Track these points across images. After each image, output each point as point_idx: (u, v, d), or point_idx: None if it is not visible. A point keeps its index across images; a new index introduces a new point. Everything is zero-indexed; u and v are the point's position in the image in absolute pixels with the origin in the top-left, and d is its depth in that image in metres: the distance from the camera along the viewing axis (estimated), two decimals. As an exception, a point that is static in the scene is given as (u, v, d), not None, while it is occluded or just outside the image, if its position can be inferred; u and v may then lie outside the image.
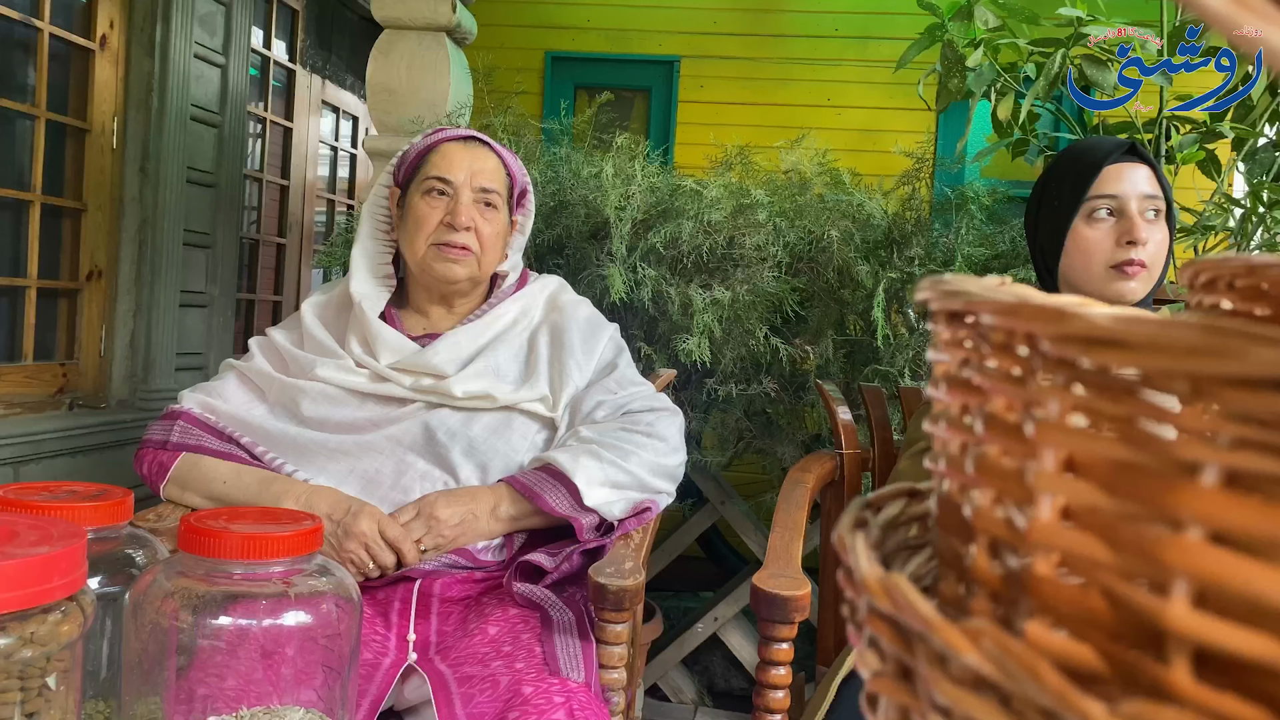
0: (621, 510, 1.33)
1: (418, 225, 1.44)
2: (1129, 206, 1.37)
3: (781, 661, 1.13)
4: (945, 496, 0.23)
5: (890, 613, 0.19)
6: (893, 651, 0.19)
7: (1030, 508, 0.18)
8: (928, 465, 0.26)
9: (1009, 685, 0.15)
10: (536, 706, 1.04)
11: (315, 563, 0.80)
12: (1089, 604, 0.17)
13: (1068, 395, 0.18)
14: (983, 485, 0.20)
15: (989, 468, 0.20)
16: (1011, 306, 0.18)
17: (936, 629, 0.17)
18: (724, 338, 2.01)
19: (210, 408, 1.40)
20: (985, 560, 0.20)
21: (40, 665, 0.65)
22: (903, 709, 0.19)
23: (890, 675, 0.20)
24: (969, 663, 0.16)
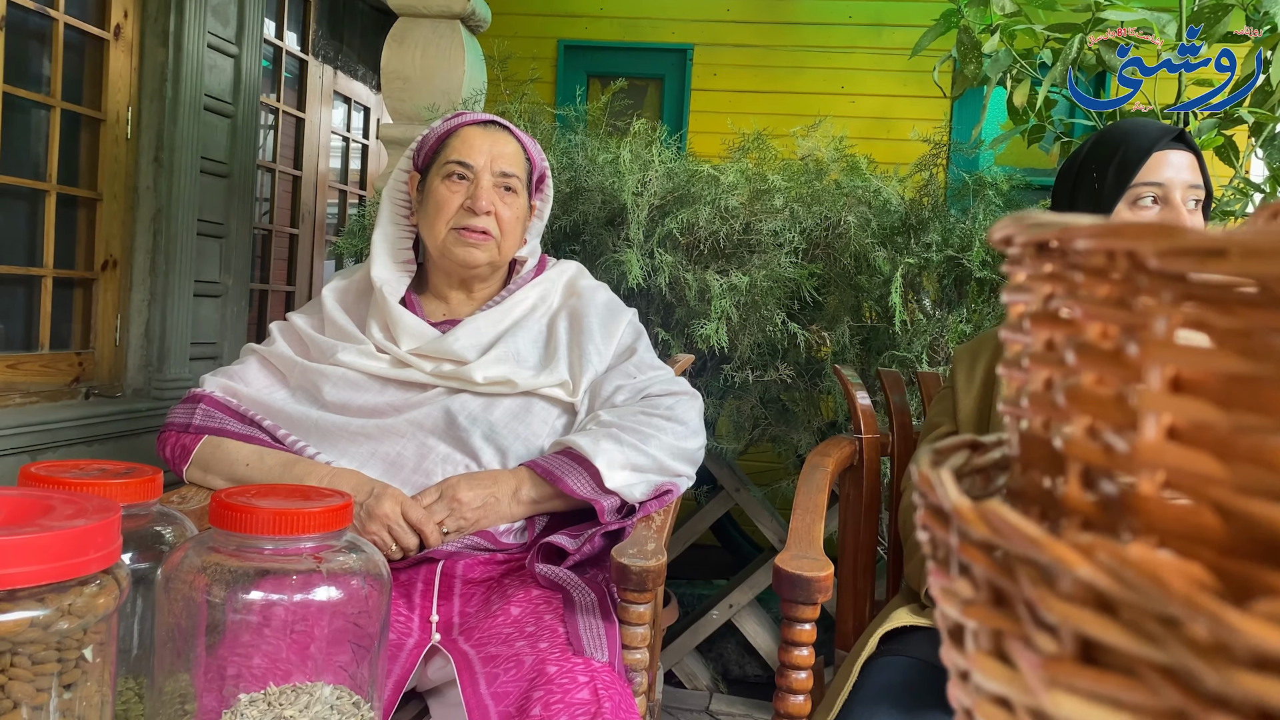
0: (642, 493, 1.33)
1: (438, 209, 1.44)
2: (1173, 196, 1.34)
3: (804, 642, 1.13)
4: (1028, 434, 0.23)
5: (987, 538, 0.19)
6: (988, 578, 0.19)
7: (1132, 431, 0.18)
8: (1001, 408, 0.26)
9: (1126, 596, 0.15)
10: (561, 685, 1.05)
11: (345, 539, 0.81)
12: (1199, 520, 0.17)
13: (1176, 312, 0.18)
14: (1076, 415, 0.20)
15: (1083, 397, 0.20)
16: (1113, 228, 0.18)
17: (1045, 546, 0.17)
18: (741, 323, 2.01)
19: (232, 391, 1.40)
20: (1078, 489, 0.20)
21: (77, 637, 0.65)
22: (996, 634, 0.19)
23: (984, 603, 0.20)
24: (1081, 576, 0.16)
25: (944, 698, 1.13)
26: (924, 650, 1.23)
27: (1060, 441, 0.21)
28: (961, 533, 0.20)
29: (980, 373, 1.46)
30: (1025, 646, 0.18)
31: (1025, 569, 0.18)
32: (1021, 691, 0.18)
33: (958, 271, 2.08)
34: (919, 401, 1.80)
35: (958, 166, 2.39)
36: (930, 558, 0.23)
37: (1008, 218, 0.23)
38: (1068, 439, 0.20)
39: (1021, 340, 0.24)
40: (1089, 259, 0.20)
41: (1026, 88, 2.38)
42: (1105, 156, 1.39)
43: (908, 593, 1.41)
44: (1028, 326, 0.23)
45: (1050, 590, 0.17)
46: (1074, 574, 0.16)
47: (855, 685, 1.18)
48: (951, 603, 0.21)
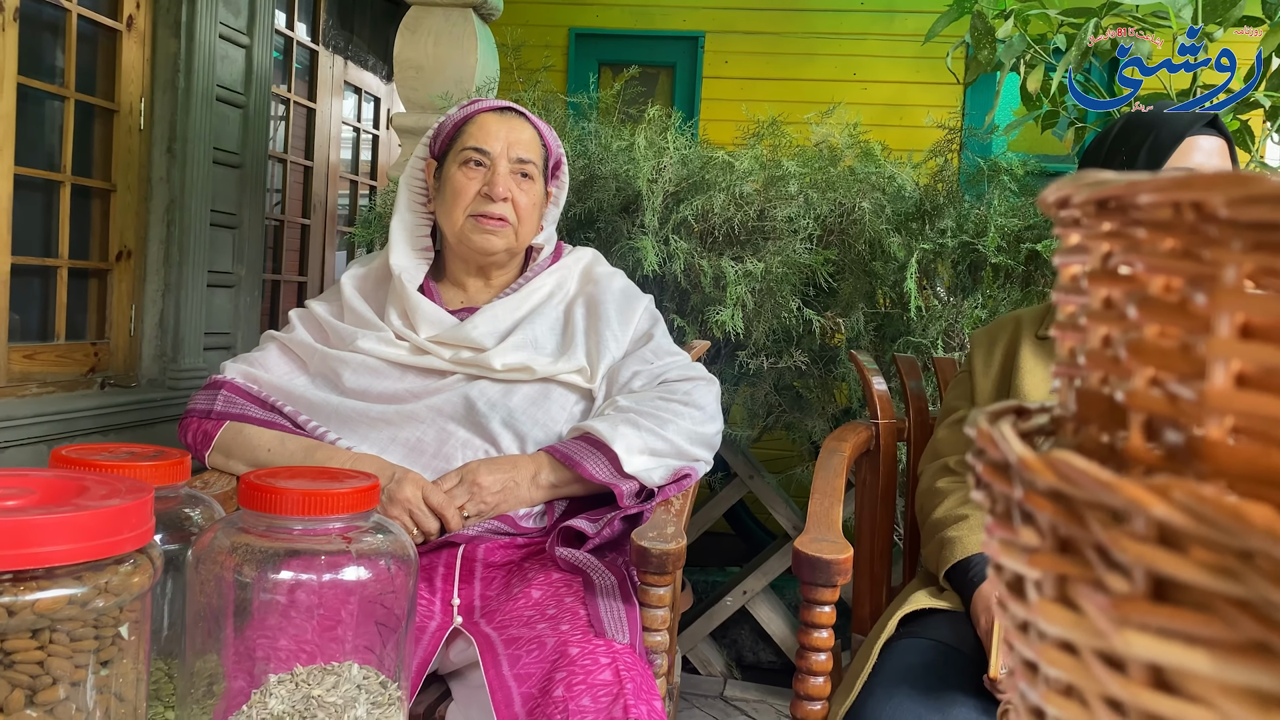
0: (661, 477, 1.33)
1: (455, 196, 1.44)
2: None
3: (824, 624, 1.13)
4: (1085, 390, 0.23)
5: (1054, 486, 0.19)
6: (1053, 525, 0.20)
7: (1199, 380, 0.18)
8: (1054, 370, 0.26)
9: (1202, 532, 0.16)
10: (583, 667, 1.05)
11: (372, 520, 0.81)
12: (1269, 463, 0.17)
13: (1246, 260, 0.18)
14: (1138, 368, 0.21)
15: (1146, 349, 0.20)
16: (1181, 180, 0.19)
17: (1120, 488, 0.17)
18: (756, 310, 2.01)
19: (253, 378, 1.41)
20: (1140, 440, 0.21)
21: (114, 615, 0.66)
22: (1061, 580, 0.20)
23: (1049, 550, 0.20)
24: (1156, 515, 0.17)
25: (963, 679, 1.14)
26: (943, 633, 1.24)
27: (1122, 395, 0.21)
28: (1027, 483, 0.20)
29: (998, 356, 1.46)
30: (1094, 590, 0.19)
31: (1095, 513, 0.18)
32: (1089, 635, 0.19)
33: (972, 257, 2.07)
34: (934, 387, 1.80)
35: (972, 152, 2.38)
36: (989, 513, 0.23)
37: (1063, 179, 0.24)
38: (1130, 392, 0.21)
39: (1076, 301, 0.24)
40: (1153, 213, 0.20)
41: (1040, 73, 2.37)
42: (1136, 140, 1.39)
43: (925, 576, 1.42)
44: (1085, 285, 0.23)
45: (1123, 532, 0.17)
46: (1149, 513, 0.17)
47: (874, 667, 1.19)
48: (1012, 554, 0.22)
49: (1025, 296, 2.05)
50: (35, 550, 0.61)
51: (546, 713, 1.02)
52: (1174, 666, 0.17)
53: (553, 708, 1.02)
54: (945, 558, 1.30)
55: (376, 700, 0.82)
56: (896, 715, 1.08)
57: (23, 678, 0.61)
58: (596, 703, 1.02)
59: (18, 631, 0.61)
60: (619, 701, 1.02)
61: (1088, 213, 0.23)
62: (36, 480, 0.70)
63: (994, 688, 1.12)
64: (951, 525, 1.33)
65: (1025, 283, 2.07)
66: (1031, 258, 2.03)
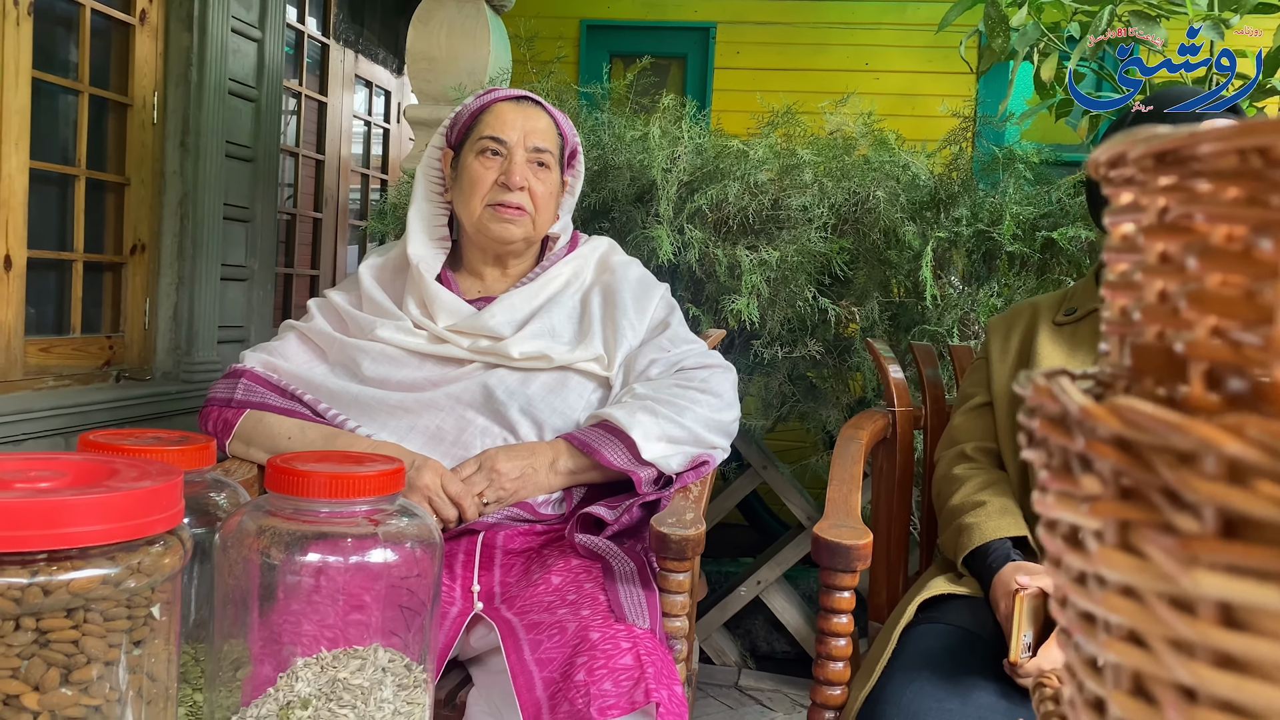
0: (679, 464, 1.34)
1: (472, 186, 1.45)
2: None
3: (844, 610, 1.14)
4: (1141, 345, 0.24)
5: (1119, 433, 0.20)
6: (1117, 471, 0.20)
7: (1265, 325, 0.19)
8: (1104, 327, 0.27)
9: (1276, 466, 0.16)
10: (604, 651, 1.06)
11: (397, 504, 0.82)
12: (1339, 404, 0.17)
13: (1316, 203, 0.18)
14: (1199, 318, 0.21)
15: (1208, 299, 0.21)
16: (1245, 126, 0.19)
17: (1192, 428, 0.18)
18: (771, 299, 2.01)
19: (272, 366, 1.42)
20: (1201, 389, 0.21)
21: (145, 595, 0.67)
22: (1123, 526, 0.20)
23: (1112, 497, 0.21)
24: (1229, 453, 0.17)
25: (983, 663, 1.14)
26: (962, 618, 1.24)
27: (1181, 346, 0.21)
28: (1089, 432, 0.21)
29: (1015, 343, 1.46)
30: (1159, 533, 0.19)
31: (1162, 457, 0.18)
32: (1154, 579, 0.19)
33: (987, 246, 2.07)
34: (950, 375, 1.80)
35: (987, 140, 2.38)
36: (1045, 469, 0.24)
37: (1116, 136, 0.24)
38: (1191, 342, 0.21)
39: (1129, 259, 0.24)
40: (1216, 162, 0.20)
41: (1054, 62, 2.36)
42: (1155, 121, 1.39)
43: (943, 562, 1.42)
44: (1141, 242, 0.24)
45: (1193, 472, 0.18)
46: (1221, 451, 0.17)
47: (894, 652, 1.19)
48: (1070, 506, 0.22)
49: (1041, 284, 2.04)
50: (69, 530, 0.61)
51: (568, 696, 1.02)
52: (1245, 603, 0.17)
53: (574, 691, 1.02)
54: (963, 543, 1.30)
55: (402, 683, 0.83)
56: (917, 700, 1.08)
57: (58, 656, 0.62)
58: (618, 686, 1.03)
59: (53, 611, 0.61)
60: (640, 686, 1.03)
61: (1144, 168, 0.23)
62: (67, 463, 0.71)
63: (1014, 671, 1.12)
64: (969, 511, 1.33)
65: (1040, 271, 2.06)
66: (1047, 245, 2.03)
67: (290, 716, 0.81)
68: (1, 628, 0.60)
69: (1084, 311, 1.43)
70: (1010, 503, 1.34)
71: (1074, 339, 1.41)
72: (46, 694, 0.62)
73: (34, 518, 0.60)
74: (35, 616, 0.61)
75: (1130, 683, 0.21)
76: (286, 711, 0.82)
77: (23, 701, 0.61)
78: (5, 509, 0.60)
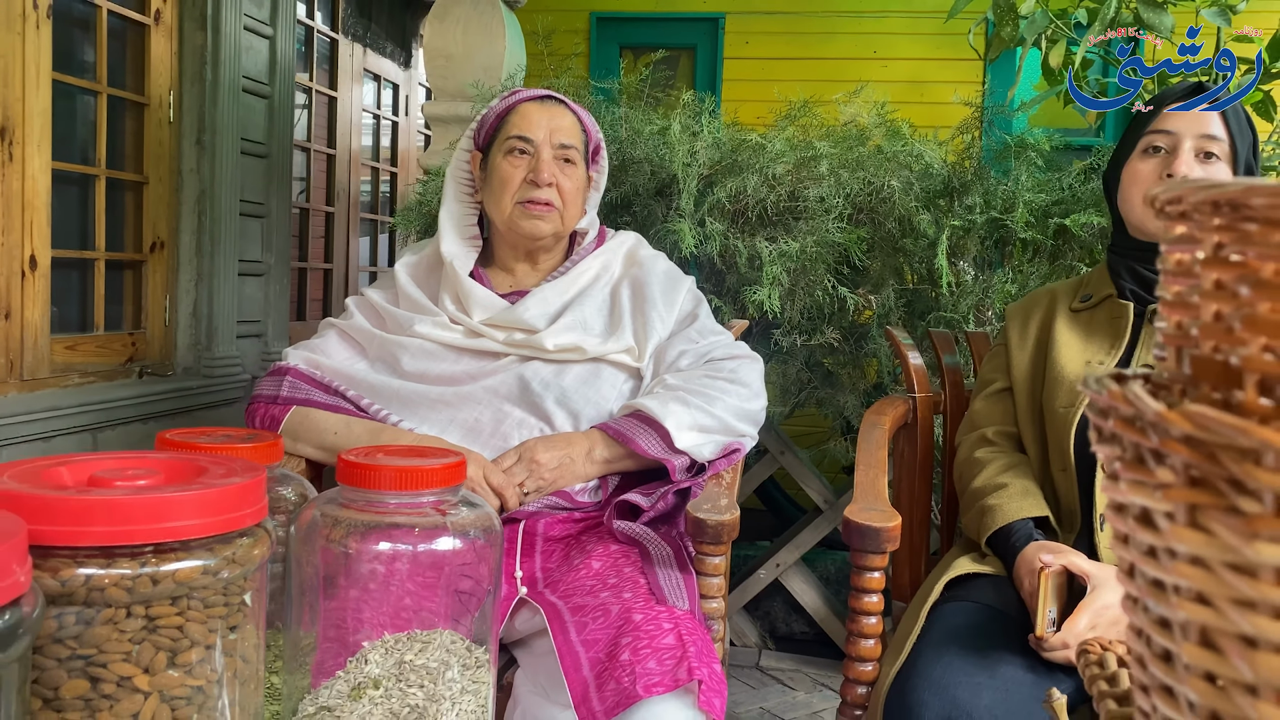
0: (711, 452, 1.39)
1: (502, 185, 1.49)
2: (1182, 144, 1.39)
3: (874, 589, 1.18)
4: (1199, 357, 0.28)
5: (1190, 433, 0.24)
6: (1187, 464, 0.25)
7: (1309, 345, 0.23)
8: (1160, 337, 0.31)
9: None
10: (647, 632, 1.11)
11: (460, 495, 0.87)
12: (1370, 410, 0.22)
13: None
14: (1251, 338, 0.25)
15: (1259, 322, 0.25)
16: (1290, 186, 0.23)
17: (1254, 431, 0.22)
18: (791, 288, 2.06)
19: (315, 364, 1.47)
20: (1255, 396, 0.25)
21: (239, 584, 0.71)
22: (1192, 509, 0.25)
23: (1182, 485, 0.25)
24: (1285, 449, 0.21)
25: (1009, 639, 1.19)
26: (987, 595, 1.29)
27: (1236, 359, 0.26)
28: (1163, 431, 0.25)
29: (1034, 329, 1.50)
30: (1224, 514, 0.23)
31: (1228, 453, 0.23)
32: (1220, 550, 0.23)
33: (1001, 233, 2.11)
34: (967, 360, 1.85)
35: (998, 129, 2.41)
36: (1117, 461, 0.28)
37: (1173, 183, 0.28)
38: (1245, 357, 0.25)
39: (1185, 282, 0.29)
40: (1266, 212, 0.25)
41: (1063, 49, 2.39)
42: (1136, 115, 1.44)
43: (966, 543, 1.47)
44: (1197, 270, 0.28)
45: (1255, 465, 0.22)
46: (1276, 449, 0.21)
47: (923, 629, 1.24)
48: (1144, 492, 0.26)
49: (1053, 270, 2.08)
50: (173, 525, 0.66)
51: (614, 675, 1.07)
52: (1298, 568, 0.22)
53: (620, 671, 1.07)
54: (987, 524, 1.35)
55: (466, 663, 0.87)
56: (948, 674, 1.13)
57: (165, 641, 0.67)
58: (662, 665, 1.08)
59: (160, 599, 0.66)
60: (683, 664, 1.08)
61: (1201, 211, 0.27)
62: (157, 462, 0.76)
63: (1039, 646, 1.17)
64: (992, 494, 1.37)
65: (1053, 256, 2.10)
66: (1059, 232, 2.07)
67: (362, 696, 0.86)
68: (115, 615, 0.65)
69: (1099, 298, 1.47)
70: (1031, 484, 1.39)
71: (1090, 325, 1.45)
72: (156, 676, 0.66)
73: (141, 513, 0.65)
74: (145, 604, 0.66)
75: (1198, 636, 0.25)
76: (359, 691, 0.87)
77: (135, 683, 0.66)
78: (115, 505, 0.65)
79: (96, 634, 0.65)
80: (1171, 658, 0.27)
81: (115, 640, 0.65)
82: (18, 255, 2.57)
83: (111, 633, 0.65)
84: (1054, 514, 1.38)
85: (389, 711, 0.83)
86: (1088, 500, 1.35)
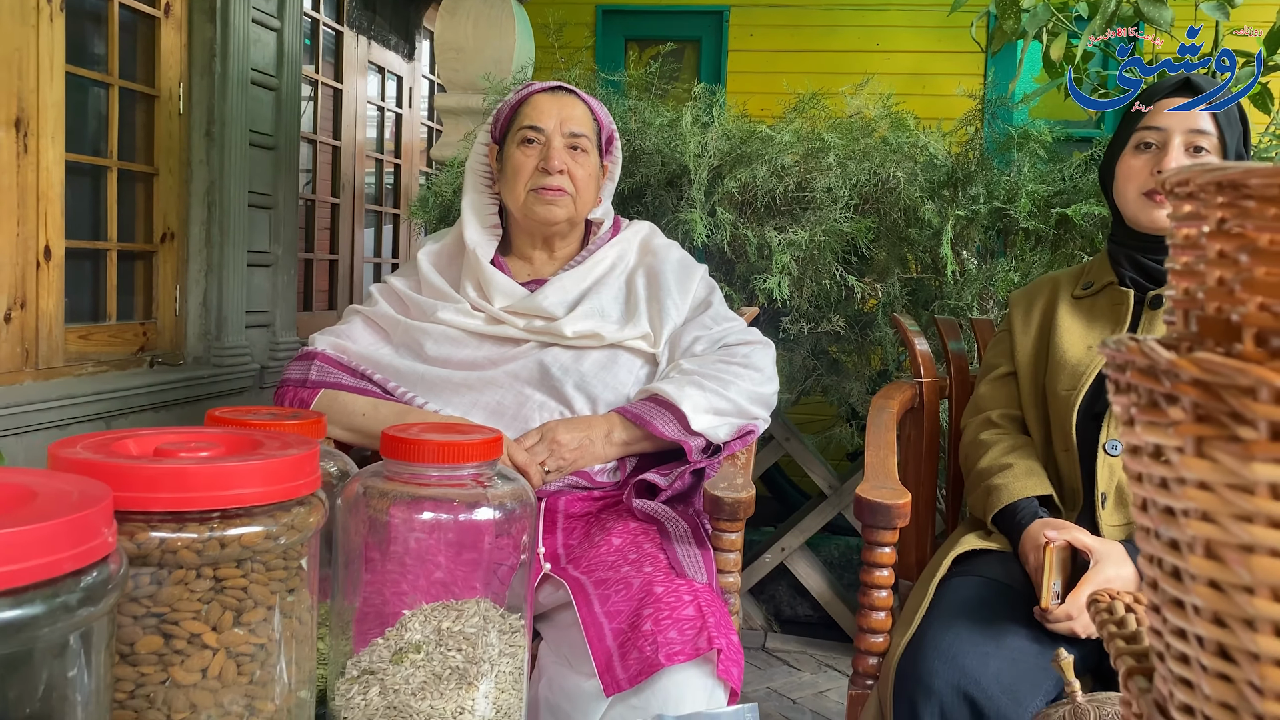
0: (726, 434, 1.43)
1: (515, 174, 1.54)
2: (1172, 139, 1.43)
3: (885, 564, 1.23)
4: (1204, 317, 0.33)
5: (1198, 376, 0.28)
6: (1195, 403, 0.29)
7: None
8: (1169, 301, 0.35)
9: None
10: (668, 604, 1.16)
11: (496, 468, 0.91)
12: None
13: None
14: (1249, 298, 0.30)
15: (1256, 284, 0.29)
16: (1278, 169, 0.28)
17: (1251, 371, 0.27)
18: (799, 277, 2.10)
19: (341, 349, 1.52)
20: (1252, 346, 0.30)
21: (297, 549, 0.76)
22: (1199, 440, 0.29)
23: (1191, 421, 0.30)
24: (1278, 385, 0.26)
25: (1014, 611, 1.24)
26: (993, 570, 1.34)
27: (1236, 316, 0.30)
28: (1174, 377, 0.30)
29: (1037, 315, 1.55)
30: (1226, 442, 0.28)
31: (1229, 391, 0.27)
32: (1223, 474, 0.28)
33: (1003, 222, 2.16)
34: (970, 346, 1.89)
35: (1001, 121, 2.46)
36: (1133, 407, 0.33)
37: (1184, 168, 0.33)
38: (1244, 314, 0.30)
39: (1192, 253, 0.33)
40: (1262, 190, 0.29)
41: (1063, 41, 2.43)
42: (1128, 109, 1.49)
43: (971, 521, 1.52)
44: (1203, 242, 0.33)
45: (1253, 399, 0.27)
46: (1272, 385, 0.26)
47: (931, 602, 1.29)
48: (1157, 431, 0.31)
49: (1055, 258, 2.13)
50: (238, 492, 0.71)
51: (637, 645, 1.12)
52: (1287, 482, 0.26)
53: (643, 640, 1.12)
54: (993, 503, 1.40)
55: (502, 629, 0.92)
56: (956, 644, 1.18)
57: (231, 601, 0.71)
58: (682, 635, 1.13)
59: (226, 561, 0.71)
60: (703, 634, 1.13)
61: (1206, 191, 0.32)
62: (215, 436, 0.80)
63: (1044, 617, 1.22)
64: (997, 473, 1.42)
65: (1055, 245, 2.15)
66: (1061, 221, 2.12)
67: (404, 659, 0.91)
68: (185, 576, 0.70)
69: (1100, 285, 1.52)
70: (1035, 465, 1.44)
71: (1091, 311, 1.50)
72: (223, 633, 0.71)
73: (209, 481, 0.70)
74: (213, 566, 0.70)
75: (1203, 549, 0.30)
76: (400, 655, 0.91)
77: (204, 640, 0.70)
78: (185, 473, 0.69)
79: (169, 593, 0.69)
80: (1180, 574, 0.31)
81: (186, 599, 0.69)
82: (33, 246, 2.60)
83: (182, 592, 0.69)
84: (1057, 493, 1.43)
85: (430, 673, 0.88)
86: (1089, 479, 1.40)
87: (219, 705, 0.71)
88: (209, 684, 0.70)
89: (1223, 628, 0.29)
